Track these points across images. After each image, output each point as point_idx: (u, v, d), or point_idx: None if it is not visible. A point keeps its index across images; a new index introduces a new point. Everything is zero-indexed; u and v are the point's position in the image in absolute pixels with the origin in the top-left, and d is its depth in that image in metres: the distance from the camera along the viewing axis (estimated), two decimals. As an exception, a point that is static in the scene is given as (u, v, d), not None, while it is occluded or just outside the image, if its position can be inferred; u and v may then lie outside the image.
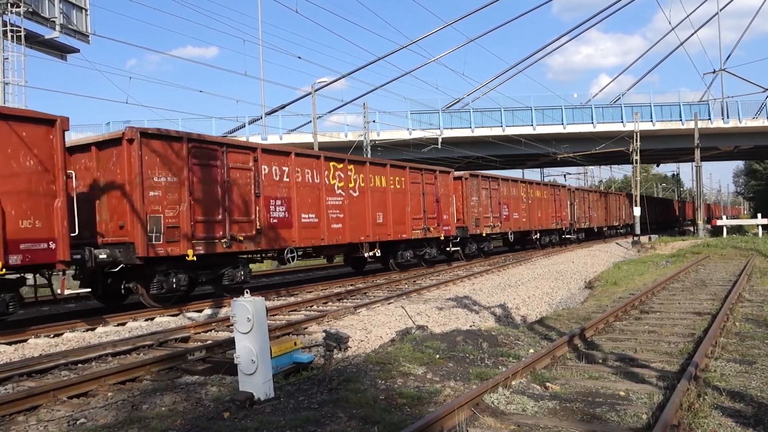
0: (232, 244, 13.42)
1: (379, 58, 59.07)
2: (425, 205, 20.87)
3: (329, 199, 16.58)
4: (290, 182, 15.28)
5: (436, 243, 22.04)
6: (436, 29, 49.49)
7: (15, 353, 9.11)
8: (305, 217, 15.69)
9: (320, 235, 16.24)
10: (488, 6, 43.14)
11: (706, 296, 12.74)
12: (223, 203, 13.31)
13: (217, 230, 13.15)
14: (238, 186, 13.78)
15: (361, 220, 17.85)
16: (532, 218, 30.85)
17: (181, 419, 5.35)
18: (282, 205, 14.95)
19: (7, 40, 18.08)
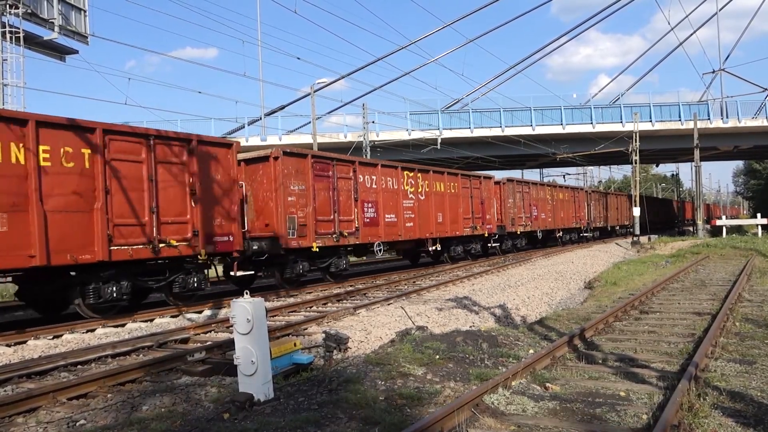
0: (340, 239, 16.91)
1: (379, 58, 59.07)
2: (473, 207, 24.34)
3: (404, 202, 20.10)
4: (377, 188, 18.84)
5: (481, 239, 25.41)
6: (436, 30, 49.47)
7: (14, 355, 9.10)
8: (388, 217, 19.22)
9: (398, 231, 19.69)
10: (487, 6, 43.14)
11: (705, 296, 12.74)
12: (333, 206, 16.79)
13: (329, 227, 16.64)
14: (343, 192, 17.28)
15: (427, 219, 21.32)
16: (556, 218, 34.30)
17: (181, 420, 5.35)
18: (372, 207, 18.53)
19: (6, 42, 18.07)
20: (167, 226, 12.27)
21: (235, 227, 13.72)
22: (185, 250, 12.57)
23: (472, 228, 24.26)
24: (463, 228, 23.56)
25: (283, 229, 15.03)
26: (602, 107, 44.24)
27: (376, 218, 18.61)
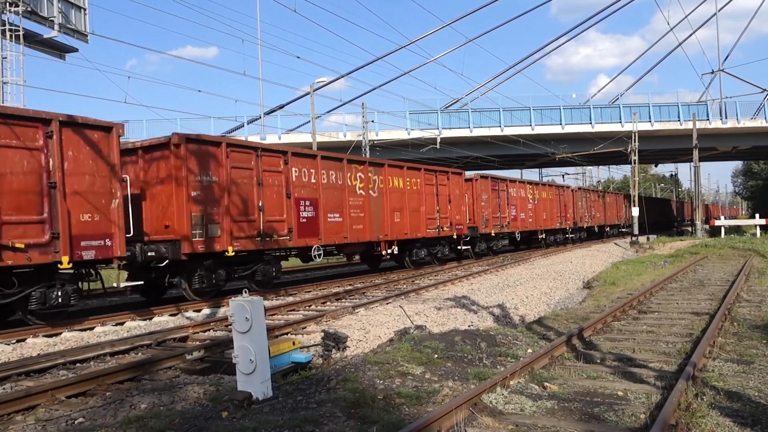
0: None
1: (378, 58, 59.16)
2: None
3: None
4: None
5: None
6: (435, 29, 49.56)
7: (13, 353, 9.10)
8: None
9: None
10: (487, 6, 43.16)
11: (704, 296, 12.76)
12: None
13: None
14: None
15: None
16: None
17: (180, 418, 5.35)
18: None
19: (6, 40, 18.05)
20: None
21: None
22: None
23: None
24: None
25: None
26: (601, 107, 44.25)
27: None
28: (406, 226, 20.11)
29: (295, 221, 15.44)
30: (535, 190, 32.02)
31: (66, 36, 19.47)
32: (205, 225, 12.99)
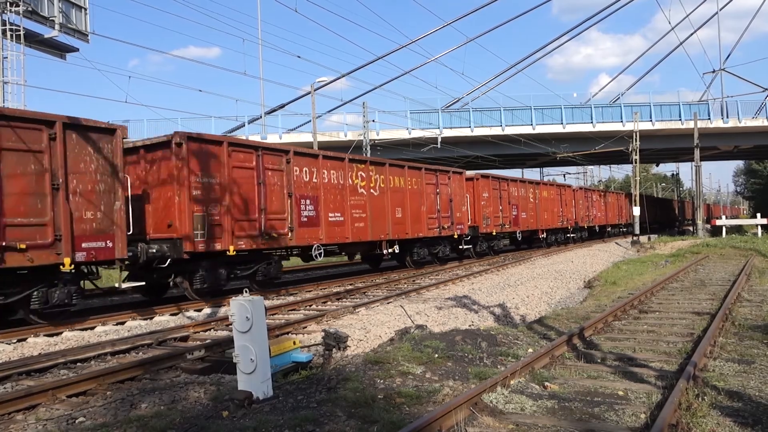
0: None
1: (379, 57, 59.12)
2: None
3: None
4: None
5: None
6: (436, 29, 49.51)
7: (14, 352, 9.11)
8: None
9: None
10: (488, 6, 43.14)
11: (705, 296, 12.75)
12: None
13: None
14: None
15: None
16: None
17: (180, 418, 5.35)
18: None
19: (7, 39, 18.06)
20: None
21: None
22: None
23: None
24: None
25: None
26: (602, 107, 44.21)
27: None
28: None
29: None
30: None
31: (66, 36, 19.49)
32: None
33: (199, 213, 12.89)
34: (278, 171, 15.12)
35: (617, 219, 48.37)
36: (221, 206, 13.42)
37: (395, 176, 19.83)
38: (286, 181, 15.29)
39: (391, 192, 19.40)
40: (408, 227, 20.12)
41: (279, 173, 15.15)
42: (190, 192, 12.75)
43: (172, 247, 12.69)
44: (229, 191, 13.62)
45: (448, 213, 22.33)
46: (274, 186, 14.94)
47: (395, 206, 19.58)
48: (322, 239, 16.33)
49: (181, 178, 12.73)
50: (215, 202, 13.31)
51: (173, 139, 12.79)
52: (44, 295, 10.60)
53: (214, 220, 13.23)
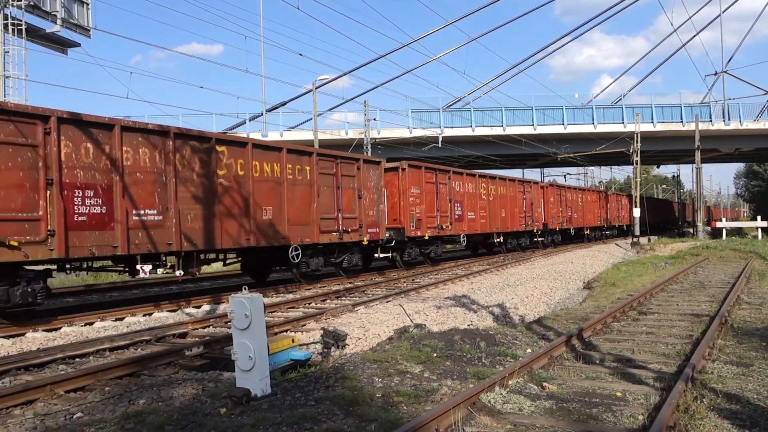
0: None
1: (381, 56, 59.06)
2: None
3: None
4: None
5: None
6: (438, 28, 49.38)
7: (13, 347, 9.11)
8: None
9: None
10: (490, 5, 43.08)
11: (704, 298, 12.75)
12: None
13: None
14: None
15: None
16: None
17: (178, 414, 5.35)
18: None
19: (8, 34, 18.04)
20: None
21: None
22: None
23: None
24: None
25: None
26: (604, 108, 44.15)
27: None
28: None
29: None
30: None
31: (68, 31, 19.46)
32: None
33: (411, 212, 19.95)
34: (446, 185, 22.76)
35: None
36: (422, 207, 20.74)
37: (500, 186, 27.16)
38: (449, 190, 22.89)
39: (500, 198, 26.72)
40: (508, 223, 27.49)
41: (446, 186, 22.76)
42: (407, 200, 20.04)
43: (397, 233, 19.54)
44: (427, 200, 21.24)
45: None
46: (444, 194, 22.48)
47: (501, 208, 26.85)
48: (465, 230, 23.72)
49: (404, 190, 20.12)
50: (419, 205, 20.57)
51: (400, 166, 20.16)
52: (436, 250, 19.26)
53: (417, 216, 20.26)
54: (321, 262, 16.73)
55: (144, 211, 11.78)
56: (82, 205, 10.77)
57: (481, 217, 25.69)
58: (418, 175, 21.13)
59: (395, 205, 20.21)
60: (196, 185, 12.86)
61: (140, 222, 11.67)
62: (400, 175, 20.33)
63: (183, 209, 12.45)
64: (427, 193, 21.50)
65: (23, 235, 9.87)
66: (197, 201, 12.83)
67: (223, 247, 13.53)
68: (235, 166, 13.88)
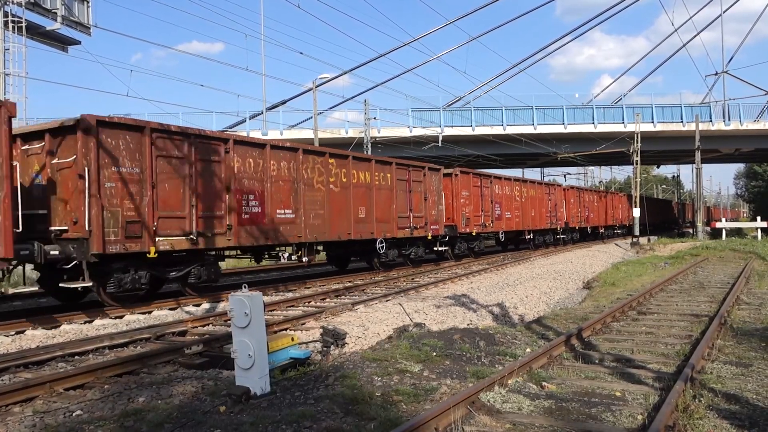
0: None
1: (381, 55, 58.98)
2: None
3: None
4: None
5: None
6: (439, 27, 49.46)
7: (12, 344, 9.11)
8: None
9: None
10: (490, 5, 43.07)
11: (704, 298, 12.75)
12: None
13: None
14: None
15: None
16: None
17: (177, 412, 5.36)
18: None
19: (8, 31, 18.03)
20: None
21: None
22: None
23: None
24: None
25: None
26: (604, 107, 44.16)
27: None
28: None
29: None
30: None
31: (69, 28, 19.44)
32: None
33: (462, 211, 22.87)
34: (488, 188, 25.95)
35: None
36: (470, 208, 23.84)
37: (530, 189, 30.74)
38: (490, 193, 26.06)
39: (530, 199, 30.27)
40: (536, 222, 31.05)
41: (488, 189, 26.11)
42: (459, 201, 22.70)
43: (450, 229, 21.79)
44: (474, 202, 24.04)
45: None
46: (486, 196, 25.78)
47: (531, 208, 30.24)
48: (503, 228, 26.94)
49: (456, 193, 22.99)
50: (468, 206, 23.67)
51: (453, 172, 23.04)
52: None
53: (467, 215, 23.29)
54: (396, 253, 20.07)
55: (283, 210, 15.12)
56: (246, 206, 13.97)
57: (515, 216, 29.30)
58: (468, 180, 24.46)
59: (449, 205, 23.24)
60: (316, 190, 16.21)
61: (281, 219, 15.02)
62: (453, 180, 23.43)
63: (307, 209, 15.83)
64: (473, 196, 24.76)
65: (211, 229, 13.10)
66: (316, 203, 16.19)
67: (331, 239, 16.83)
68: (341, 175, 17.27)
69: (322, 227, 16.30)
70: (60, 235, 10.94)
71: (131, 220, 11.42)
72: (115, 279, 11.49)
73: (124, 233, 11.27)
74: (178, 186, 12.38)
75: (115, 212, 11.18)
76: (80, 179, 10.73)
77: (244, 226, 13.86)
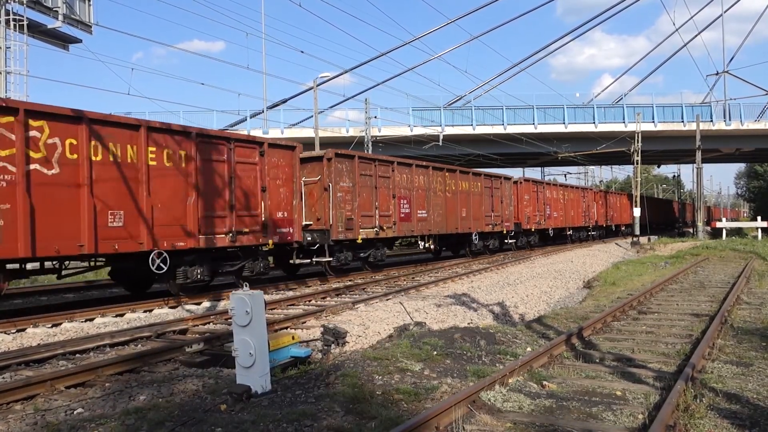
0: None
1: (382, 53, 58.72)
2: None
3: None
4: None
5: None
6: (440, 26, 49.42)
7: (13, 342, 9.12)
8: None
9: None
10: (491, 4, 43.01)
11: (704, 298, 12.75)
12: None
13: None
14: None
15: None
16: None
17: (178, 411, 5.36)
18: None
19: (9, 29, 18.02)
20: None
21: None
22: None
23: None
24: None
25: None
26: (605, 107, 44.13)
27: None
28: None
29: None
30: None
31: (70, 26, 19.42)
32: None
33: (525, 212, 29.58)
34: (542, 192, 32.09)
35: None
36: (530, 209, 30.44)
37: (570, 192, 37.12)
38: (543, 197, 32.17)
39: (570, 201, 36.11)
40: (574, 220, 36.84)
41: (542, 194, 32.31)
42: (522, 203, 29.50)
43: (517, 226, 28.54)
44: (532, 204, 30.54)
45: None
46: (541, 199, 31.84)
47: (571, 209, 36.26)
48: (552, 225, 33.20)
49: (520, 197, 29.90)
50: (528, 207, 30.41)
51: (519, 180, 28.57)
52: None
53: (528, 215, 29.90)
54: (481, 245, 26.08)
55: (421, 211, 21.04)
56: (402, 208, 20.00)
57: (559, 215, 35.55)
58: (528, 187, 31.46)
59: (515, 207, 29.09)
60: (440, 195, 22.36)
61: (422, 218, 21.03)
62: (518, 186, 30.18)
63: (434, 209, 21.78)
64: (531, 199, 31.56)
65: (383, 225, 19.25)
66: (439, 205, 22.25)
67: (449, 232, 22.92)
68: (452, 185, 23.39)
69: (443, 223, 22.40)
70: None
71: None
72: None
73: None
74: (368, 194, 18.30)
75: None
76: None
77: (401, 222, 19.87)
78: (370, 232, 18.19)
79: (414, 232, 20.57)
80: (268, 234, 14.39)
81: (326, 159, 16.58)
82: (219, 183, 13.19)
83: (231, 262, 13.98)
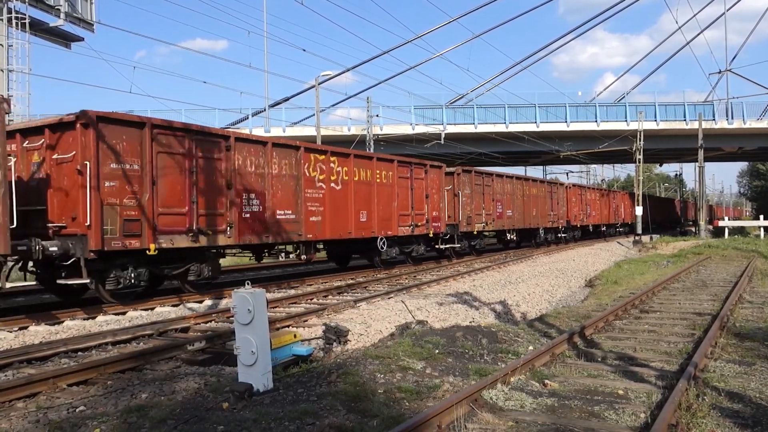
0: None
1: (384, 52, 58.47)
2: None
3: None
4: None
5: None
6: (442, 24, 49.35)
7: (15, 340, 9.14)
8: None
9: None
10: (493, 2, 43.00)
11: (706, 297, 12.73)
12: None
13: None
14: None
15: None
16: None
17: (180, 409, 5.36)
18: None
19: (12, 28, 18.03)
20: None
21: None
22: None
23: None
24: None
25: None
26: (607, 106, 44.07)
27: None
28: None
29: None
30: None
31: (72, 25, 19.43)
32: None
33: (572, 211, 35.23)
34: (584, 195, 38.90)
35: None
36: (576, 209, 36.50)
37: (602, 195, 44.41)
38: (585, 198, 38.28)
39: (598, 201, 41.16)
40: (601, 218, 42.80)
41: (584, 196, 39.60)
42: (571, 203, 36.12)
43: (567, 223, 34.80)
44: (577, 204, 35.98)
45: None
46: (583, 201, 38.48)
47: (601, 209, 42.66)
48: (590, 222, 39.95)
49: (568, 198, 35.93)
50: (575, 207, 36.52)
51: (567, 185, 32.12)
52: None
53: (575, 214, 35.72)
54: (543, 238, 32.07)
55: (509, 211, 27.68)
56: (499, 208, 25.94)
57: (596, 214, 41.83)
58: (575, 190, 38.06)
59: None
60: (519, 198, 28.78)
61: (509, 216, 27.45)
62: (567, 190, 36.45)
63: (516, 209, 28.49)
64: (577, 201, 37.95)
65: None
66: (519, 206, 28.70)
67: (525, 227, 29.75)
68: (526, 190, 29.51)
69: (521, 220, 28.42)
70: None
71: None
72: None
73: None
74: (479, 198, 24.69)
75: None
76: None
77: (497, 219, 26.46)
78: (480, 227, 24.27)
79: (504, 226, 27.05)
80: (429, 227, 20.65)
81: (456, 174, 22.88)
82: (407, 194, 19.82)
83: (407, 245, 20.15)
